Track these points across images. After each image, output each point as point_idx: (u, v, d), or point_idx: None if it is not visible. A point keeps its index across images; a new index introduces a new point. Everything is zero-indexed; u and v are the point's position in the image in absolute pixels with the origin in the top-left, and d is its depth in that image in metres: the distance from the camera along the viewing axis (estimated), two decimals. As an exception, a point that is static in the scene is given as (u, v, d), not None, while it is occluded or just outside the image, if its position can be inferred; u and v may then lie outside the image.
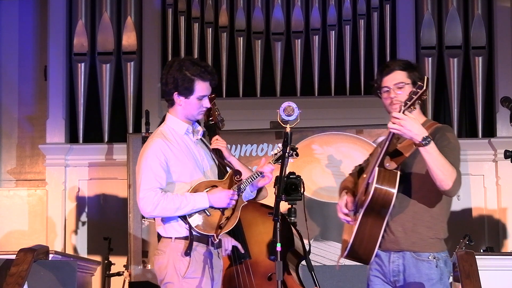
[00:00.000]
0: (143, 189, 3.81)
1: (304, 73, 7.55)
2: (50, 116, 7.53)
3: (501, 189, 7.22)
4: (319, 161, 6.67)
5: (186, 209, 3.82)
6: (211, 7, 7.60)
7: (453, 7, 7.44)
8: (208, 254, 3.88)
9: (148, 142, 3.92)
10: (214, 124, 4.56)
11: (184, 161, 3.89)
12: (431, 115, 7.39)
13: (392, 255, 3.70)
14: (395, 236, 3.68)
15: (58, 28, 7.62)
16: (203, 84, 3.93)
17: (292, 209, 5.31)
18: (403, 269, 3.67)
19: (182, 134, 3.97)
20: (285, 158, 3.84)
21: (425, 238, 3.67)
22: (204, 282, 3.83)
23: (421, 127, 3.50)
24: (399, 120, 3.48)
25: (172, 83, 3.91)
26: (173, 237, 3.87)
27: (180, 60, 3.98)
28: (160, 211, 3.81)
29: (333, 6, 7.55)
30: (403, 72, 3.73)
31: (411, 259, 3.66)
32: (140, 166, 3.87)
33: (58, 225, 7.40)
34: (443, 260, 3.71)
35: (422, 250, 3.66)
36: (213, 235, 3.85)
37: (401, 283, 3.69)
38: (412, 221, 3.67)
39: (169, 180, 3.87)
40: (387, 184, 3.59)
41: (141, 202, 3.82)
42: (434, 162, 3.49)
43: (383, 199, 3.59)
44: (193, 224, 3.84)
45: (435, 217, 3.70)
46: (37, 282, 4.36)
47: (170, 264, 3.85)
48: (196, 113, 3.96)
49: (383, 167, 3.62)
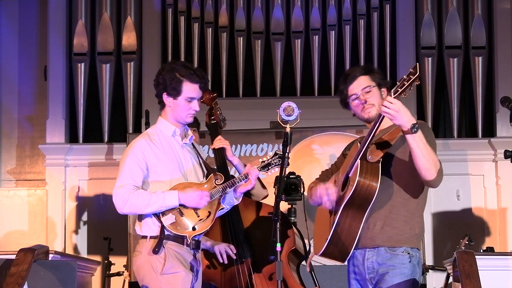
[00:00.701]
0: (116, 186, 3.87)
1: (304, 73, 7.55)
2: (50, 116, 7.54)
3: (501, 189, 7.22)
4: (319, 161, 6.67)
5: (155, 206, 3.83)
6: (211, 7, 7.60)
7: (453, 7, 7.44)
8: (183, 253, 3.89)
9: (132, 142, 3.97)
10: (216, 124, 4.57)
11: (165, 162, 3.91)
12: (431, 115, 7.39)
13: (367, 252, 3.68)
14: (371, 231, 3.66)
15: (58, 28, 7.63)
16: (191, 85, 3.93)
17: (292, 209, 5.31)
18: (378, 264, 3.65)
19: (169, 135, 3.99)
20: (285, 158, 3.84)
21: (401, 232, 3.65)
22: (183, 276, 3.83)
23: (410, 115, 3.49)
24: (393, 104, 3.46)
25: (162, 84, 3.95)
26: (148, 236, 3.89)
27: (173, 63, 4.05)
28: (129, 207, 3.84)
29: (333, 6, 7.55)
30: (366, 77, 3.74)
31: (385, 254, 3.64)
32: (120, 164, 3.94)
33: (58, 225, 7.40)
34: (417, 259, 3.68)
35: (397, 244, 3.64)
36: (185, 235, 3.86)
37: (376, 279, 3.66)
38: (389, 216, 3.66)
39: (148, 179, 3.90)
40: (370, 176, 3.57)
41: (113, 198, 3.87)
42: (422, 151, 3.49)
43: (366, 192, 3.57)
44: (165, 223, 3.85)
45: (411, 212, 3.68)
46: (37, 282, 4.36)
47: (146, 263, 3.86)
48: (184, 115, 3.97)
49: (365, 160, 3.61)
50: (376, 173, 3.59)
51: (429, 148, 3.52)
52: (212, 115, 4.60)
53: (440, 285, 6.42)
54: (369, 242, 3.67)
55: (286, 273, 4.35)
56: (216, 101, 4.62)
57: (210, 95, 4.59)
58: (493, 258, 4.82)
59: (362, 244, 3.68)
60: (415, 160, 3.52)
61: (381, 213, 3.66)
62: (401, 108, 3.46)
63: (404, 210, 3.67)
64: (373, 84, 3.75)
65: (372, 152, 3.63)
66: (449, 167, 7.18)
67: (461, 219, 7.20)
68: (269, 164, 4.03)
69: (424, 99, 7.43)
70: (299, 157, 6.61)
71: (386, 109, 3.47)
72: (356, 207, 3.61)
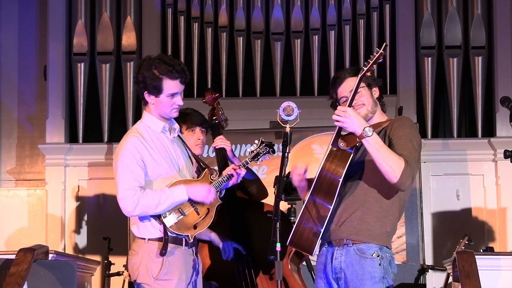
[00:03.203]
0: (121, 189, 3.78)
1: (304, 73, 7.55)
2: (49, 116, 7.53)
3: (501, 189, 7.21)
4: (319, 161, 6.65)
5: (166, 204, 3.79)
6: (210, 7, 7.60)
7: (453, 7, 7.44)
8: (181, 255, 3.87)
9: (123, 141, 3.89)
10: (217, 124, 4.58)
11: (159, 159, 3.87)
12: (431, 115, 7.39)
13: (336, 251, 3.66)
14: (341, 225, 3.64)
15: (58, 28, 7.62)
16: (171, 82, 3.85)
17: (292, 209, 5.31)
18: (346, 265, 3.63)
19: (159, 132, 3.93)
20: (284, 158, 3.84)
21: (371, 228, 3.62)
22: (176, 284, 3.82)
23: (362, 120, 3.52)
24: (343, 112, 3.50)
25: (142, 82, 3.87)
26: (147, 238, 3.86)
27: (150, 59, 3.91)
28: (140, 209, 3.77)
29: (332, 6, 7.55)
30: (354, 78, 3.70)
31: (354, 256, 3.62)
32: (116, 165, 3.84)
33: (58, 225, 7.40)
34: (387, 259, 3.65)
35: (366, 240, 3.61)
36: (187, 235, 3.85)
37: (343, 280, 3.64)
38: (361, 210, 3.63)
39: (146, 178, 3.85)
40: (337, 162, 3.56)
41: (121, 203, 3.78)
42: (377, 154, 3.49)
43: (330, 178, 3.56)
44: (167, 225, 3.81)
45: (385, 209, 3.65)
46: (37, 282, 4.35)
47: (142, 265, 3.84)
48: (168, 111, 3.91)
49: (336, 147, 3.60)
50: (344, 160, 3.56)
51: (387, 151, 3.50)
52: (214, 115, 4.60)
53: (440, 285, 6.42)
54: (337, 234, 3.65)
55: (286, 273, 4.35)
56: (219, 101, 4.62)
57: (212, 95, 4.59)
58: (493, 258, 4.82)
59: (331, 237, 3.66)
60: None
61: (353, 207, 3.65)
62: (352, 115, 3.50)
63: (378, 206, 3.65)
64: (362, 84, 3.72)
65: (345, 140, 3.60)
66: (449, 167, 7.21)
67: (461, 219, 7.20)
68: (258, 154, 4.03)
69: (424, 99, 7.42)
70: (299, 157, 6.61)
71: (337, 117, 3.51)
72: (323, 194, 3.58)
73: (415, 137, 3.66)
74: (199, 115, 4.52)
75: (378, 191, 3.64)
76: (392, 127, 3.68)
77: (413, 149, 3.61)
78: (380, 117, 3.81)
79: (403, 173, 3.50)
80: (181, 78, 3.88)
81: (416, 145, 3.64)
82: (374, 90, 3.82)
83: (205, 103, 4.63)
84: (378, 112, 3.81)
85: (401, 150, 3.57)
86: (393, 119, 3.79)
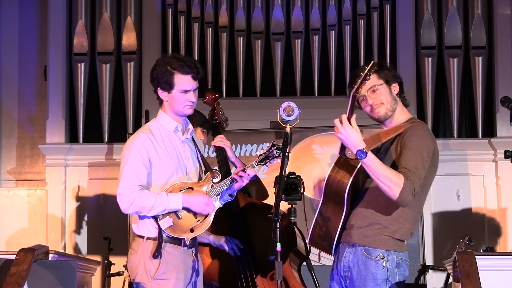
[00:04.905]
0: (121, 185, 3.81)
1: (304, 73, 7.55)
2: (50, 116, 7.53)
3: (501, 189, 7.22)
4: (319, 161, 6.66)
5: (159, 209, 3.80)
6: (211, 7, 7.60)
7: (453, 7, 7.44)
8: (180, 255, 3.87)
9: (133, 136, 3.91)
10: (218, 124, 4.57)
11: (166, 159, 3.87)
12: (431, 115, 7.39)
13: (346, 250, 3.68)
14: (351, 229, 3.65)
15: (58, 28, 7.62)
16: (183, 77, 3.86)
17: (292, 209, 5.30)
18: (352, 265, 3.65)
19: (171, 131, 3.94)
20: (285, 158, 3.83)
21: (378, 234, 3.61)
22: (174, 284, 3.82)
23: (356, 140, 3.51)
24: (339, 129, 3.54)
25: (155, 78, 3.90)
26: (145, 236, 3.87)
27: (165, 57, 4.00)
28: (135, 209, 3.80)
29: (333, 6, 7.55)
30: (373, 75, 3.66)
31: (361, 256, 3.62)
32: (122, 160, 3.87)
33: (58, 225, 7.40)
34: (395, 262, 3.63)
35: (372, 245, 3.61)
36: (183, 238, 3.85)
37: (349, 279, 3.66)
38: (371, 217, 3.63)
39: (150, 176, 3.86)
40: (343, 172, 3.57)
41: (118, 198, 3.82)
42: (374, 174, 3.49)
43: (336, 187, 3.57)
44: (163, 227, 3.82)
45: (395, 218, 3.62)
46: (37, 282, 4.35)
47: (140, 264, 3.85)
48: (182, 107, 3.91)
49: (344, 155, 3.60)
50: (351, 169, 3.56)
51: (383, 171, 3.48)
52: (215, 115, 4.59)
53: (440, 285, 6.42)
54: (347, 239, 3.67)
55: (287, 273, 4.35)
56: (219, 101, 4.62)
57: (212, 96, 4.58)
58: (493, 258, 4.82)
59: (343, 239, 3.69)
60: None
61: (364, 212, 3.65)
62: (348, 133, 3.52)
63: (387, 213, 3.63)
64: (380, 82, 3.71)
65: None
66: (449, 167, 7.21)
67: (461, 219, 7.20)
68: (267, 157, 3.96)
69: (424, 99, 7.42)
70: (299, 157, 6.61)
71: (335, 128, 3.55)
72: (333, 201, 3.61)
73: (427, 147, 3.60)
74: (200, 116, 4.52)
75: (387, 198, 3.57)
76: (404, 136, 3.62)
77: (420, 162, 3.55)
78: (401, 115, 3.75)
79: (402, 191, 3.48)
80: (193, 74, 3.88)
81: (425, 156, 3.57)
82: (394, 86, 3.75)
83: (206, 104, 4.62)
84: (399, 109, 3.74)
85: (406, 163, 3.53)
86: (410, 125, 3.68)
